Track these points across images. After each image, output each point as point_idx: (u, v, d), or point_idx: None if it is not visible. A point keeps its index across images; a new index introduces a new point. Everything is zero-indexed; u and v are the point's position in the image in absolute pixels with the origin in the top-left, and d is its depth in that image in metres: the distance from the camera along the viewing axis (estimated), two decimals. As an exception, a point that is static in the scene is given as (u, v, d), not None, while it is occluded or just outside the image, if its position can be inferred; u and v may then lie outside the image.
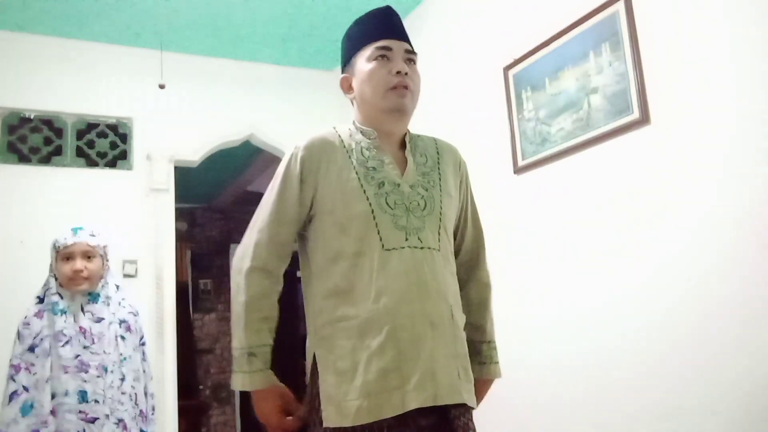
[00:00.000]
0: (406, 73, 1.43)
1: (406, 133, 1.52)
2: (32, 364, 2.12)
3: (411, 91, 1.45)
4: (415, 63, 1.49)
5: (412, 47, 1.50)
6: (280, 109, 4.17)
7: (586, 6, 2.42)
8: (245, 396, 7.20)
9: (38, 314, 2.20)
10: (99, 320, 2.25)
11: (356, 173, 1.40)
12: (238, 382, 1.35)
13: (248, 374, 1.34)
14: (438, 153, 1.54)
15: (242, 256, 1.41)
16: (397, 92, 1.43)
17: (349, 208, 1.37)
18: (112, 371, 2.19)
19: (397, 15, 1.53)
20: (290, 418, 1.38)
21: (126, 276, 3.49)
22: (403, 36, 1.49)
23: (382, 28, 1.47)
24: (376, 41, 1.45)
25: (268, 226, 1.41)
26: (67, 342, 2.16)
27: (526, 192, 2.75)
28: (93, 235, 2.29)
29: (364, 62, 1.46)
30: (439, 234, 1.41)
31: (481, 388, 1.53)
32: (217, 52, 4.03)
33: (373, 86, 1.44)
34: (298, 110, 4.16)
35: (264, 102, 4.16)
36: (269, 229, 1.40)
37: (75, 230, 2.28)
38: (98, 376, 2.15)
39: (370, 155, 1.43)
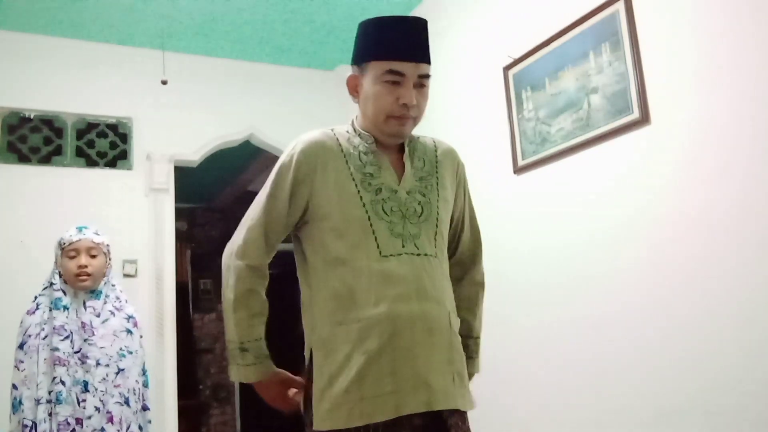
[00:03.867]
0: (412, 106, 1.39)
1: None
2: (21, 361, 2.17)
3: (414, 118, 1.43)
4: (426, 86, 1.42)
5: (429, 67, 1.41)
6: (280, 109, 4.17)
7: (586, 6, 2.43)
8: (245, 396, 7.19)
9: (30, 312, 2.26)
10: (99, 315, 2.30)
11: (353, 179, 1.39)
12: (233, 374, 1.43)
13: (242, 367, 1.41)
14: (436, 156, 1.53)
15: (231, 253, 1.45)
16: (399, 121, 1.41)
17: (346, 214, 1.37)
18: (107, 365, 2.23)
19: (423, 29, 1.42)
20: (294, 391, 1.46)
21: (126, 276, 3.48)
22: (421, 56, 1.39)
23: (403, 45, 1.37)
24: (392, 60, 1.37)
25: (258, 225, 1.43)
26: (66, 337, 2.20)
27: (526, 192, 2.75)
28: (97, 234, 2.38)
29: (373, 79, 1.39)
30: (435, 240, 1.42)
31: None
32: (217, 52, 4.03)
33: (376, 109, 1.41)
34: (298, 110, 4.16)
35: (264, 102, 4.16)
36: (259, 229, 1.43)
37: (80, 228, 2.36)
38: (96, 367, 2.20)
39: (368, 160, 1.43)
